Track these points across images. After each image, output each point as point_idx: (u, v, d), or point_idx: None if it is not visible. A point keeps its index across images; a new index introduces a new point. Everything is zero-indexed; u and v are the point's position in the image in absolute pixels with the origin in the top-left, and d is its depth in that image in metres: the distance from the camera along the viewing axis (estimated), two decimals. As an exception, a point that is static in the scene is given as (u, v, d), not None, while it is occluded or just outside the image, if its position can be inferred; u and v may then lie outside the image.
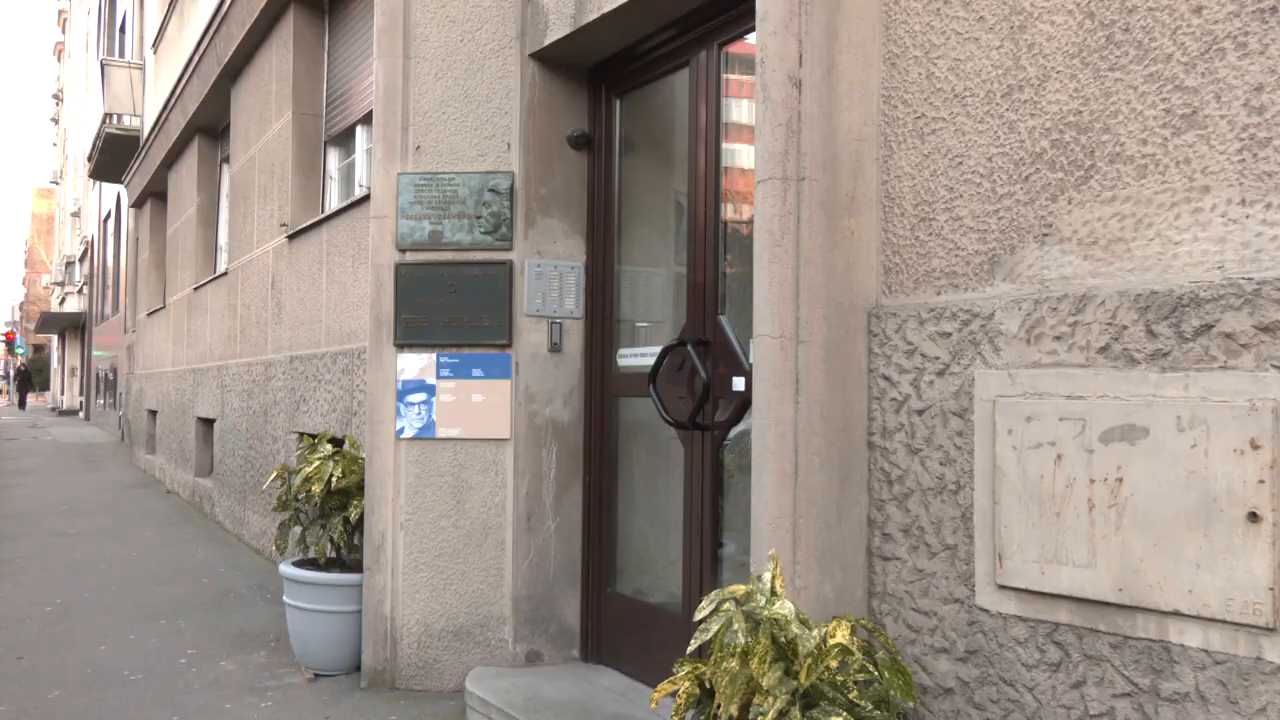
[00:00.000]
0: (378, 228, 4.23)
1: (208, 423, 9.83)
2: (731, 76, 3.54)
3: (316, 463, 4.51)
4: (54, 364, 44.99)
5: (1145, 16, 2.11)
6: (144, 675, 4.47)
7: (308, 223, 6.56)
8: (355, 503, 4.48)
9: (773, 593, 2.27)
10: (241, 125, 8.56)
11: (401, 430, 4.18)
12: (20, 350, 47.21)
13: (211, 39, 8.79)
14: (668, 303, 3.92)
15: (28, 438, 20.74)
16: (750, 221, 3.16)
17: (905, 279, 2.60)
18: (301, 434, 6.16)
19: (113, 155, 16.11)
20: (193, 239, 10.74)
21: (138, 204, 15.07)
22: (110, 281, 21.37)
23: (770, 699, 2.10)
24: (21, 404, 37.53)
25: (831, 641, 2.16)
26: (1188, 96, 2.03)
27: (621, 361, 4.13)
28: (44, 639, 5.07)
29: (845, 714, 2.06)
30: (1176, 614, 1.98)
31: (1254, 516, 1.86)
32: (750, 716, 2.14)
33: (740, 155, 3.49)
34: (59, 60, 44.50)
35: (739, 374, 3.30)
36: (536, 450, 4.15)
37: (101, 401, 23.52)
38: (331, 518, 4.52)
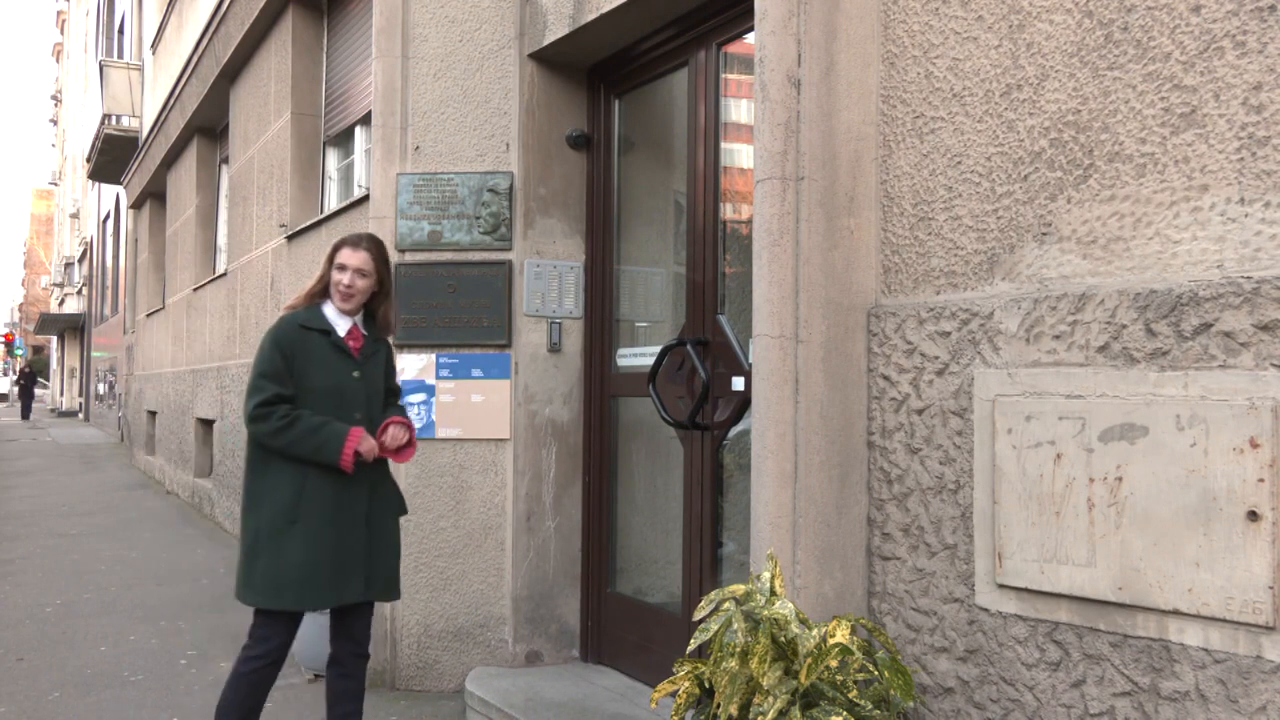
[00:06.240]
0: (377, 228, 4.23)
1: (207, 424, 9.82)
2: (730, 76, 3.54)
3: (316, 463, 4.50)
4: (53, 365, 44.88)
5: (1144, 15, 2.10)
6: (144, 676, 4.47)
7: (307, 223, 6.55)
8: (355, 503, 4.47)
9: (772, 592, 2.27)
10: (240, 126, 8.56)
11: (401, 430, 4.17)
12: (19, 351, 46.96)
13: (210, 39, 8.79)
14: (667, 302, 3.92)
15: (27, 439, 20.74)
16: (750, 221, 3.16)
17: (904, 278, 2.60)
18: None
19: (112, 156, 16.11)
20: (192, 240, 10.74)
21: (137, 205, 15.06)
22: (109, 282, 21.34)
23: (770, 699, 2.10)
24: (25, 413, 31.42)
25: (831, 641, 2.16)
26: (1186, 95, 2.03)
27: (621, 361, 4.13)
28: (44, 640, 5.06)
29: (845, 713, 2.06)
30: (1176, 613, 1.98)
31: (1253, 515, 1.86)
32: (750, 716, 2.14)
33: (739, 155, 3.49)
34: (57, 61, 44.50)
35: (738, 374, 3.30)
36: (536, 450, 4.15)
37: (100, 402, 23.51)
38: (331, 518, 4.51)
